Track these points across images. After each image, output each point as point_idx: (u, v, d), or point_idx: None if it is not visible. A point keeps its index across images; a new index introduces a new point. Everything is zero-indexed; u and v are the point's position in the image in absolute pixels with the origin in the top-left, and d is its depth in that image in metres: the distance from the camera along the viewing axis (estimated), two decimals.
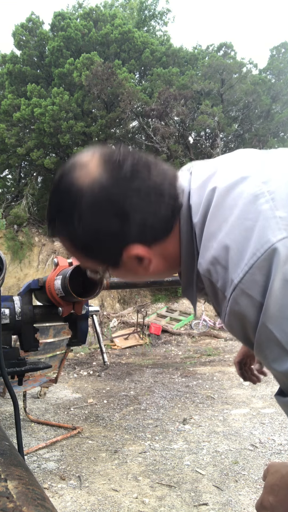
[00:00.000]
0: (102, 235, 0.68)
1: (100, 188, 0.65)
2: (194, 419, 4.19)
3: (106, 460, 3.27)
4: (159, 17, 19.04)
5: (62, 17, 14.03)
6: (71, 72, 12.68)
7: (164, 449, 3.47)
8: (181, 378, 6.20)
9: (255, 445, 3.45)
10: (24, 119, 12.90)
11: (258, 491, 2.70)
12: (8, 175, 18.48)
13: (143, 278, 0.79)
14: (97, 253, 0.72)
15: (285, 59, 15.50)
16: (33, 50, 14.00)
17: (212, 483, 2.83)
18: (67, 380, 6.18)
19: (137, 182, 0.66)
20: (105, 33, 13.58)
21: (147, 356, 8.67)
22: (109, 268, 0.76)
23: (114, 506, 2.56)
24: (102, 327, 10.62)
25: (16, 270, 13.64)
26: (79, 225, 0.67)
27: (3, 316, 0.92)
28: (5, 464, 0.50)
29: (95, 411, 4.59)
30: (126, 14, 19.22)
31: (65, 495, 2.71)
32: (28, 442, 3.61)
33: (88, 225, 0.66)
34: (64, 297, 0.92)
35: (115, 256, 0.71)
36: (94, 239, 0.69)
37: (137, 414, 4.45)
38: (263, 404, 4.61)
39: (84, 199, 0.65)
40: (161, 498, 2.65)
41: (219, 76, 13.78)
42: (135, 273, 0.76)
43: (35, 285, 1.00)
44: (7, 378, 0.82)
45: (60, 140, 12.80)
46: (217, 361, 7.74)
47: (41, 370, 1.77)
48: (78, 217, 0.66)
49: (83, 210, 0.66)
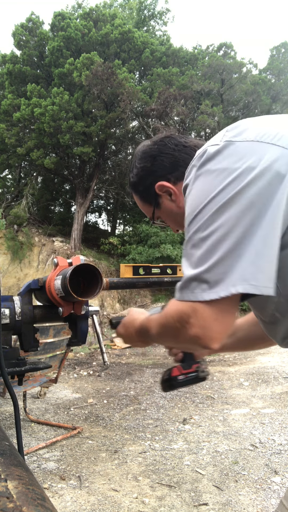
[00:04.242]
0: (141, 171, 1.06)
1: (144, 148, 1.08)
2: (194, 419, 4.19)
3: (106, 460, 3.27)
4: (158, 17, 19.04)
5: (62, 17, 14.02)
6: (71, 72, 12.68)
7: (164, 449, 3.47)
8: None
9: (255, 445, 3.45)
10: (24, 119, 12.90)
11: (258, 491, 2.70)
12: (8, 175, 18.48)
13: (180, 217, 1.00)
14: (143, 192, 1.09)
15: (285, 59, 15.50)
16: (33, 50, 13.99)
17: (212, 483, 2.83)
18: (67, 380, 6.18)
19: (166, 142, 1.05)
20: (105, 33, 13.57)
21: (147, 356, 8.67)
22: (156, 211, 1.10)
23: (114, 506, 2.56)
24: (102, 327, 10.61)
25: (16, 270, 13.63)
26: (133, 174, 1.09)
27: (3, 316, 0.92)
28: (5, 464, 0.50)
29: (95, 411, 4.59)
30: (126, 14, 19.21)
31: (65, 495, 2.71)
32: (28, 442, 3.61)
33: (136, 170, 1.08)
34: (64, 297, 0.92)
35: (152, 191, 1.05)
36: (139, 178, 1.08)
37: (137, 414, 4.45)
38: (263, 404, 4.61)
39: (137, 156, 1.08)
40: (161, 498, 2.65)
41: (219, 76, 13.78)
42: (171, 211, 1.07)
43: (35, 285, 1.00)
44: (7, 378, 0.82)
45: (60, 140, 12.79)
46: (217, 361, 7.73)
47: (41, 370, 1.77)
48: (134, 167, 1.09)
49: (135, 162, 1.08)
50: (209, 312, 0.70)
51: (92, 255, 14.19)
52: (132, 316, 1.06)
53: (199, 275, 0.71)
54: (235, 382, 5.69)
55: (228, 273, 0.68)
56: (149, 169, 1.05)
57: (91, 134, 13.23)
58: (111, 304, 12.88)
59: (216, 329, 0.71)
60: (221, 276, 0.68)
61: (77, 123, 12.55)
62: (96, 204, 20.39)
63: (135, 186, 1.11)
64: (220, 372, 6.47)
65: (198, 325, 0.71)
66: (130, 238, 15.99)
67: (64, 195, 19.35)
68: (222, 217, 0.70)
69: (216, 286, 0.69)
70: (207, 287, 0.69)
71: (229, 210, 0.70)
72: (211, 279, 0.69)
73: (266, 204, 0.69)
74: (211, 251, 0.70)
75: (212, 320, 0.70)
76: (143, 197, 1.10)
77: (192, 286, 0.71)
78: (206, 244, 0.71)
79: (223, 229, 0.70)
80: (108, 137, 13.79)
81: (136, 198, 1.14)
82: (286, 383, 5.49)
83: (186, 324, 0.72)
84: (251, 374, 6.14)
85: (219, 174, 0.73)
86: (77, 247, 14.18)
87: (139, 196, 1.12)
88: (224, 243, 0.69)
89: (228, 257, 0.68)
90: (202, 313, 0.70)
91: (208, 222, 0.72)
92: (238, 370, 6.59)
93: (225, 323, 0.71)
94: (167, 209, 1.08)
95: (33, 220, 15.44)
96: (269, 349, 8.70)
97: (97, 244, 15.87)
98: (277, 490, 2.70)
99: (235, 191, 0.70)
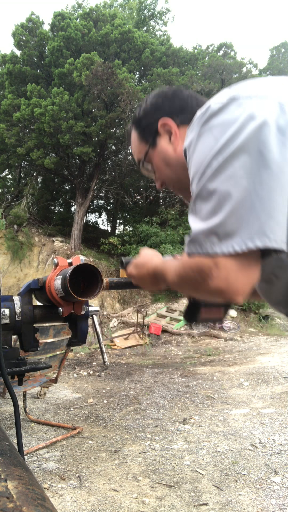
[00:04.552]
0: (150, 106, 1.07)
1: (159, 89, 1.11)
2: (194, 419, 4.19)
3: (106, 460, 3.27)
4: (158, 17, 19.04)
5: (62, 17, 14.02)
6: (71, 72, 12.68)
7: (164, 449, 3.47)
8: (181, 378, 6.20)
9: (255, 445, 3.45)
10: (24, 119, 12.90)
11: (258, 491, 2.70)
12: (8, 175, 18.49)
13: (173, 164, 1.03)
14: (144, 128, 1.07)
15: (285, 59, 15.52)
16: (33, 50, 13.99)
17: (212, 483, 2.83)
18: (67, 380, 6.18)
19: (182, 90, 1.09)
20: (105, 33, 13.57)
21: (147, 356, 8.67)
22: (150, 151, 1.07)
23: (114, 506, 2.56)
24: (102, 327, 10.62)
25: (16, 270, 13.64)
26: (141, 109, 1.09)
27: (3, 316, 0.92)
28: (5, 464, 0.50)
29: (95, 411, 4.59)
30: (126, 14, 19.21)
31: (65, 495, 2.71)
32: (28, 442, 3.61)
33: (145, 105, 1.08)
34: (64, 297, 0.92)
35: (153, 128, 1.04)
36: (145, 113, 1.07)
37: (137, 414, 4.45)
38: (263, 404, 4.61)
39: (150, 95, 1.09)
40: (161, 498, 2.65)
41: (219, 76, 13.78)
42: (166, 153, 1.04)
43: (35, 285, 1.00)
44: (7, 378, 0.82)
45: (60, 140, 12.79)
46: (217, 361, 7.74)
47: (41, 370, 1.77)
48: (143, 104, 1.09)
49: (147, 99, 1.08)
50: (231, 265, 0.69)
51: (92, 255, 14.20)
52: (145, 257, 1.03)
53: (212, 228, 0.70)
54: (235, 382, 5.69)
55: (244, 225, 0.67)
56: (158, 105, 1.06)
57: (91, 134, 13.23)
58: (111, 304, 12.88)
59: (240, 281, 0.70)
60: (236, 228, 0.68)
61: (77, 123, 12.55)
62: (96, 204, 20.40)
63: (139, 120, 1.08)
64: (220, 372, 6.48)
65: (221, 277, 0.70)
66: (130, 238, 15.99)
67: (64, 195, 19.36)
68: (229, 168, 0.69)
69: (230, 239, 0.68)
70: (220, 240, 0.69)
71: (235, 162, 0.69)
72: (224, 231, 0.69)
73: (272, 155, 0.68)
74: (221, 203, 0.69)
75: (236, 272, 0.69)
76: (142, 133, 1.08)
77: (203, 240, 0.71)
78: (216, 196, 0.70)
79: (231, 181, 0.69)
80: (108, 137, 13.79)
81: (134, 137, 1.10)
82: (286, 383, 5.49)
83: (208, 277, 0.71)
84: (251, 374, 6.14)
85: (223, 128, 0.72)
86: (77, 247, 14.18)
87: (139, 132, 1.09)
88: (234, 194, 0.68)
89: (240, 208, 0.67)
90: (224, 266, 0.69)
91: (215, 175, 0.71)
92: (238, 370, 6.60)
93: (249, 276, 0.70)
94: (162, 150, 1.04)
95: (33, 220, 15.45)
96: (269, 349, 8.70)
97: (97, 244, 15.88)
98: (277, 490, 2.70)
99: (239, 142, 0.69)
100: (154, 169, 1.09)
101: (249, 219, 0.67)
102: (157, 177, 1.11)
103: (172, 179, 1.07)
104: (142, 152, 1.09)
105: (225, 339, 10.54)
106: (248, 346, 9.64)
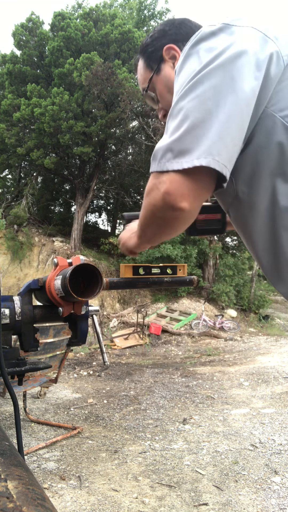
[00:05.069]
0: (157, 33, 1.09)
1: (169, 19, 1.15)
2: (194, 419, 4.19)
3: (106, 460, 3.27)
4: (158, 17, 19.02)
5: (62, 17, 14.02)
6: (71, 72, 12.68)
7: (164, 449, 3.47)
8: (181, 378, 6.20)
9: (255, 445, 3.45)
10: (24, 119, 12.90)
11: (258, 491, 2.70)
12: (8, 175, 18.49)
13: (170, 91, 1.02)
14: (150, 54, 1.09)
15: None
16: (33, 50, 13.99)
17: (212, 483, 2.83)
18: (67, 380, 6.18)
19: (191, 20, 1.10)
20: (105, 33, 13.57)
21: (147, 356, 8.67)
22: (154, 77, 1.08)
23: (114, 506, 2.56)
24: (102, 327, 10.61)
25: (16, 270, 13.64)
26: (148, 36, 1.11)
27: (3, 316, 0.92)
28: (5, 464, 0.50)
29: (95, 411, 4.59)
30: (126, 14, 19.20)
31: (65, 495, 2.71)
32: (28, 442, 3.61)
33: (152, 33, 1.11)
34: (64, 297, 0.92)
35: (159, 54, 1.07)
36: (152, 39, 1.09)
37: (137, 414, 4.45)
38: (263, 404, 4.61)
39: (159, 24, 1.14)
40: (161, 498, 2.65)
41: None
42: (169, 79, 1.05)
43: (35, 285, 1.00)
44: (7, 378, 0.82)
45: (60, 140, 12.79)
46: (217, 361, 7.74)
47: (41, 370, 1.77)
48: (151, 32, 1.11)
49: (156, 27, 1.12)
50: (179, 177, 0.71)
51: (92, 255, 14.19)
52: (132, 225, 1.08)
53: (169, 144, 0.72)
54: (235, 382, 5.70)
55: (195, 144, 0.70)
56: (165, 32, 1.08)
57: (91, 134, 13.23)
58: (111, 304, 12.88)
59: (186, 188, 0.72)
60: (188, 146, 0.70)
61: (77, 123, 12.55)
62: (96, 204, 20.40)
63: (145, 47, 1.11)
64: (220, 372, 6.48)
65: (167, 185, 0.72)
66: None
67: (64, 195, 19.36)
68: (199, 88, 0.71)
69: (181, 156, 0.70)
70: (172, 157, 0.71)
71: (206, 82, 0.71)
72: (178, 148, 0.71)
73: (242, 84, 0.70)
74: (183, 121, 0.71)
75: (182, 181, 0.71)
76: (148, 59, 1.10)
77: (160, 156, 0.73)
78: (181, 114, 0.72)
79: (197, 100, 0.71)
80: (108, 137, 13.79)
81: (140, 65, 1.13)
82: (286, 383, 5.49)
83: (157, 187, 0.74)
84: (251, 374, 6.14)
85: (206, 52, 0.74)
86: (77, 247, 14.18)
87: (144, 59, 1.11)
88: (195, 114, 0.70)
89: (197, 128, 0.70)
90: (172, 177, 0.72)
91: (186, 93, 0.73)
92: (238, 370, 6.60)
93: (196, 189, 0.72)
94: (165, 76, 1.07)
95: (33, 220, 15.45)
96: (269, 349, 8.70)
97: (97, 244, 15.87)
98: (277, 490, 2.70)
99: (215, 65, 0.71)
100: (158, 97, 1.11)
101: (202, 139, 0.69)
102: (160, 106, 1.12)
103: None
104: (146, 80, 1.11)
105: (225, 339, 10.54)
106: (248, 346, 9.64)
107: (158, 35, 1.09)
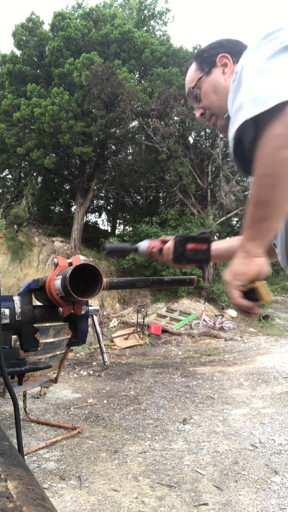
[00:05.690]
0: (215, 44, 1.24)
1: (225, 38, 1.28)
2: (194, 419, 4.19)
3: (106, 460, 3.27)
4: (158, 17, 19.03)
5: (62, 17, 14.02)
6: (71, 72, 12.67)
7: (164, 449, 3.47)
8: (181, 378, 6.20)
9: (255, 445, 3.45)
10: (24, 119, 12.89)
11: (258, 491, 2.70)
12: (8, 175, 18.49)
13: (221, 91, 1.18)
14: (205, 58, 1.22)
15: None
16: (33, 50, 13.99)
17: (212, 483, 2.83)
18: (67, 380, 6.18)
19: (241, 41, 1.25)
20: (105, 33, 13.57)
21: (147, 356, 8.67)
22: (203, 78, 1.22)
23: (114, 506, 2.56)
24: (102, 327, 10.61)
25: (16, 270, 13.63)
26: (207, 45, 1.25)
27: (3, 316, 0.92)
28: (5, 464, 0.50)
29: (95, 411, 4.59)
30: (126, 14, 19.21)
31: (65, 495, 2.71)
32: (28, 442, 3.61)
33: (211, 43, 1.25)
34: (64, 297, 0.92)
35: (212, 59, 1.21)
36: (209, 47, 1.24)
37: (137, 414, 4.45)
38: (263, 404, 4.61)
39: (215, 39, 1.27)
40: (161, 498, 2.65)
41: None
42: (217, 81, 1.19)
43: (35, 285, 1.00)
44: (7, 378, 0.82)
45: (60, 140, 12.79)
46: (217, 361, 7.74)
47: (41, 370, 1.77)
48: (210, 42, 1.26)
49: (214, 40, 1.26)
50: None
51: (92, 255, 14.19)
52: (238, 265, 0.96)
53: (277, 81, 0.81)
54: (235, 382, 5.70)
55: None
56: (222, 44, 1.24)
57: (91, 134, 13.23)
58: (111, 304, 12.87)
59: None
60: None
61: (77, 123, 12.55)
62: (96, 204, 20.40)
63: (201, 52, 1.26)
64: (220, 372, 6.48)
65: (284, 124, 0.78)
66: (130, 238, 15.98)
67: (64, 195, 19.36)
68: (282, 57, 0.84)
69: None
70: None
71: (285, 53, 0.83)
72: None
73: None
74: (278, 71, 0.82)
75: None
76: (201, 63, 1.24)
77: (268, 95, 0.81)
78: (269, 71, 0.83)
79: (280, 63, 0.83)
80: (108, 137, 13.79)
81: (192, 68, 1.26)
82: (286, 383, 5.49)
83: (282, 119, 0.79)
84: (251, 374, 6.14)
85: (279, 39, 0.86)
86: (77, 247, 14.18)
87: (198, 62, 1.25)
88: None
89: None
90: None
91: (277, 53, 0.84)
92: (238, 370, 6.60)
93: None
94: (214, 78, 1.20)
95: (33, 220, 15.45)
96: (269, 349, 8.70)
97: (97, 244, 15.87)
98: (277, 490, 2.70)
99: None
100: (201, 95, 1.24)
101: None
102: (200, 105, 1.25)
103: (215, 105, 1.21)
104: (195, 79, 1.24)
105: (225, 339, 10.54)
106: (248, 346, 9.64)
107: (216, 45, 1.24)
